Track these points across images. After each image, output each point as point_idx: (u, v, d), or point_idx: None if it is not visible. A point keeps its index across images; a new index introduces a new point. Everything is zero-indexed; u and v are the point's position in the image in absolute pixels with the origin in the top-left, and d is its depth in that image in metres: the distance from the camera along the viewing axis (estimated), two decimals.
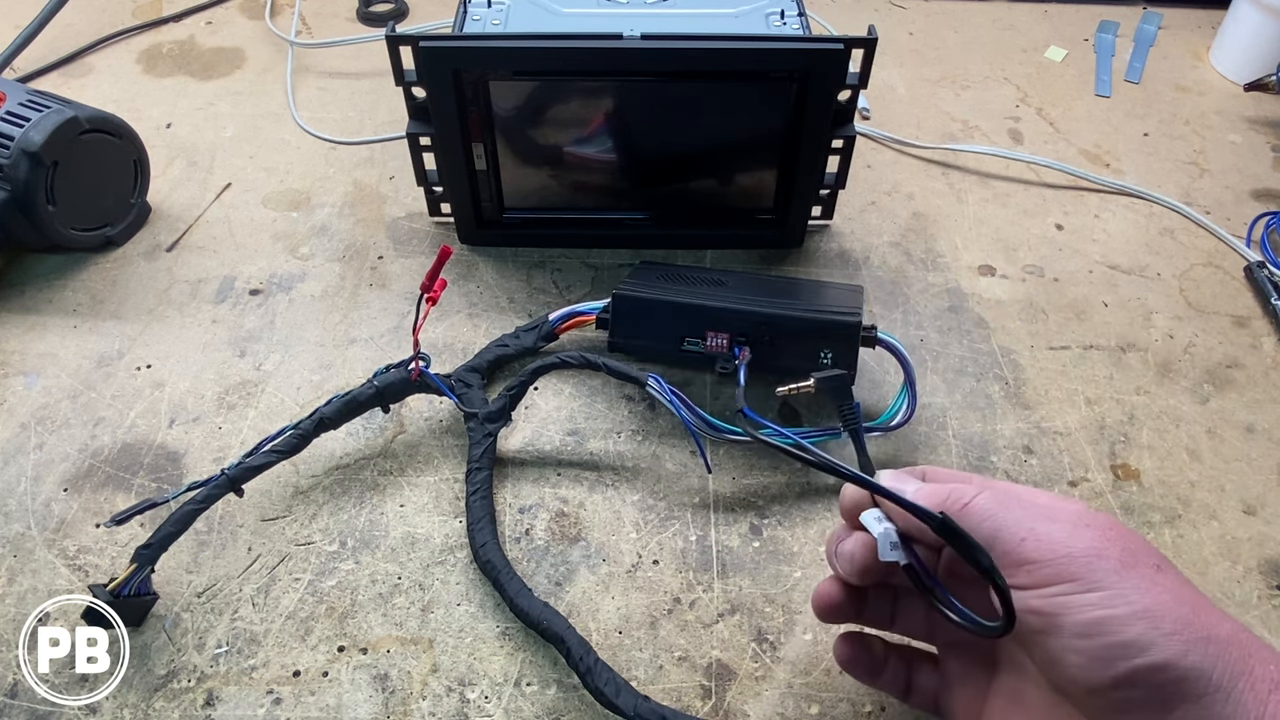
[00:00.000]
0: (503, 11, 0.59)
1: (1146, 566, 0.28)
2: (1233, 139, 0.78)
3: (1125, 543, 0.29)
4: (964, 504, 0.31)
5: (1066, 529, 0.29)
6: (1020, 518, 0.30)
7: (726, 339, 0.51)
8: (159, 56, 0.83)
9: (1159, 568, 0.28)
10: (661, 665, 0.44)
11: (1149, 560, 0.28)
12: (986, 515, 0.30)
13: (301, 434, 0.48)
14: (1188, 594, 0.28)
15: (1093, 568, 0.28)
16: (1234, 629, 0.27)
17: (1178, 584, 0.28)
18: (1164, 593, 0.27)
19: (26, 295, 0.61)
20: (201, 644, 0.44)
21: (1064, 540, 0.28)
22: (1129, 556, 0.28)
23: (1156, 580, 0.28)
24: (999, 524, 0.30)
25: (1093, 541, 0.28)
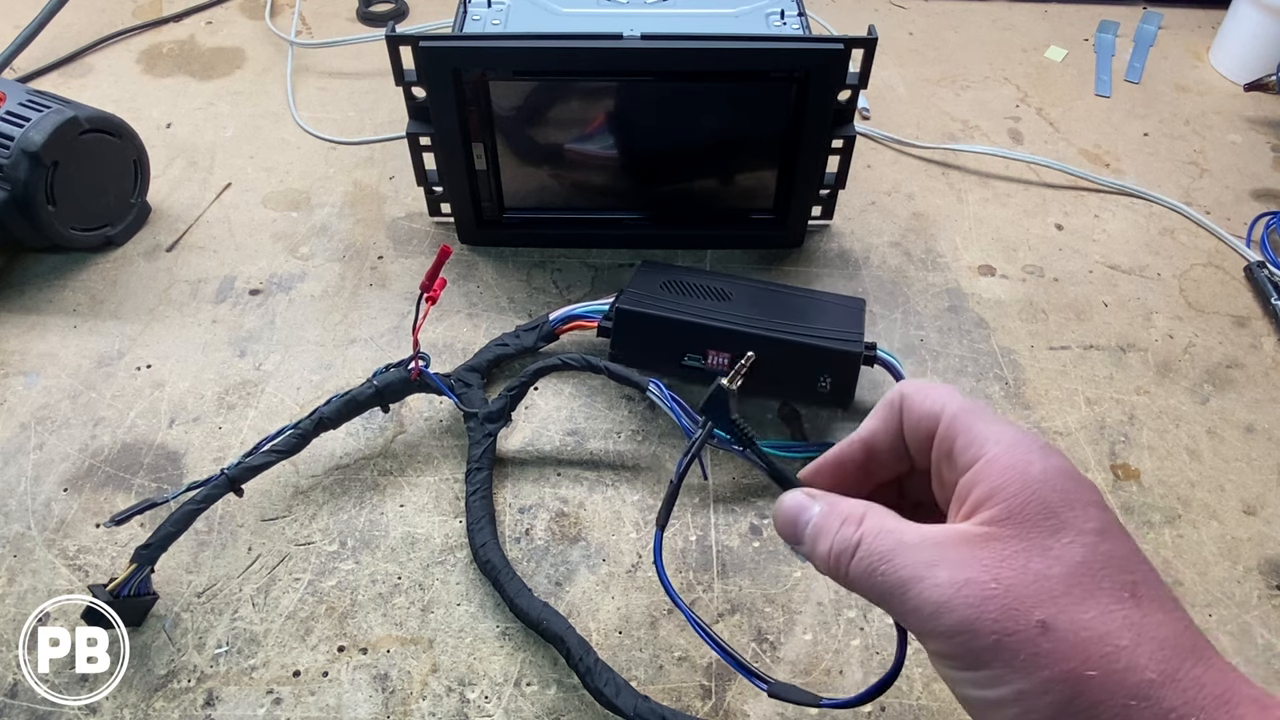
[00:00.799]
0: (503, 11, 0.59)
1: (1029, 628, 0.25)
2: (1233, 139, 0.78)
3: (1008, 596, 0.26)
4: (845, 572, 0.29)
5: (938, 599, 0.26)
6: (894, 586, 0.28)
7: (728, 358, 0.51)
8: (159, 56, 0.83)
9: (1045, 625, 0.25)
10: (661, 665, 0.44)
11: (1034, 615, 0.25)
12: (865, 584, 0.29)
13: (301, 434, 0.48)
14: (1072, 666, 0.25)
15: (966, 646, 0.26)
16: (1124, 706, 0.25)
17: (1065, 649, 0.25)
18: (1041, 670, 0.25)
19: (26, 295, 0.61)
20: (201, 644, 0.44)
21: (934, 616, 0.27)
22: (1009, 618, 0.26)
23: (1038, 650, 0.25)
24: (878, 594, 0.28)
25: (964, 614, 0.26)
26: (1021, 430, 0.29)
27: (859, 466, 0.34)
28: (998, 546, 0.27)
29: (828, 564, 0.30)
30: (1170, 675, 0.25)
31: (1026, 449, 0.28)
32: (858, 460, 0.34)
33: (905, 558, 0.28)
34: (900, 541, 0.28)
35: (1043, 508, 0.27)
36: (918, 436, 0.31)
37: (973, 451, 0.29)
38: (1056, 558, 0.26)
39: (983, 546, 0.27)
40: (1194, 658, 0.25)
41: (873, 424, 0.33)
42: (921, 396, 0.31)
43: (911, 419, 0.32)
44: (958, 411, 0.30)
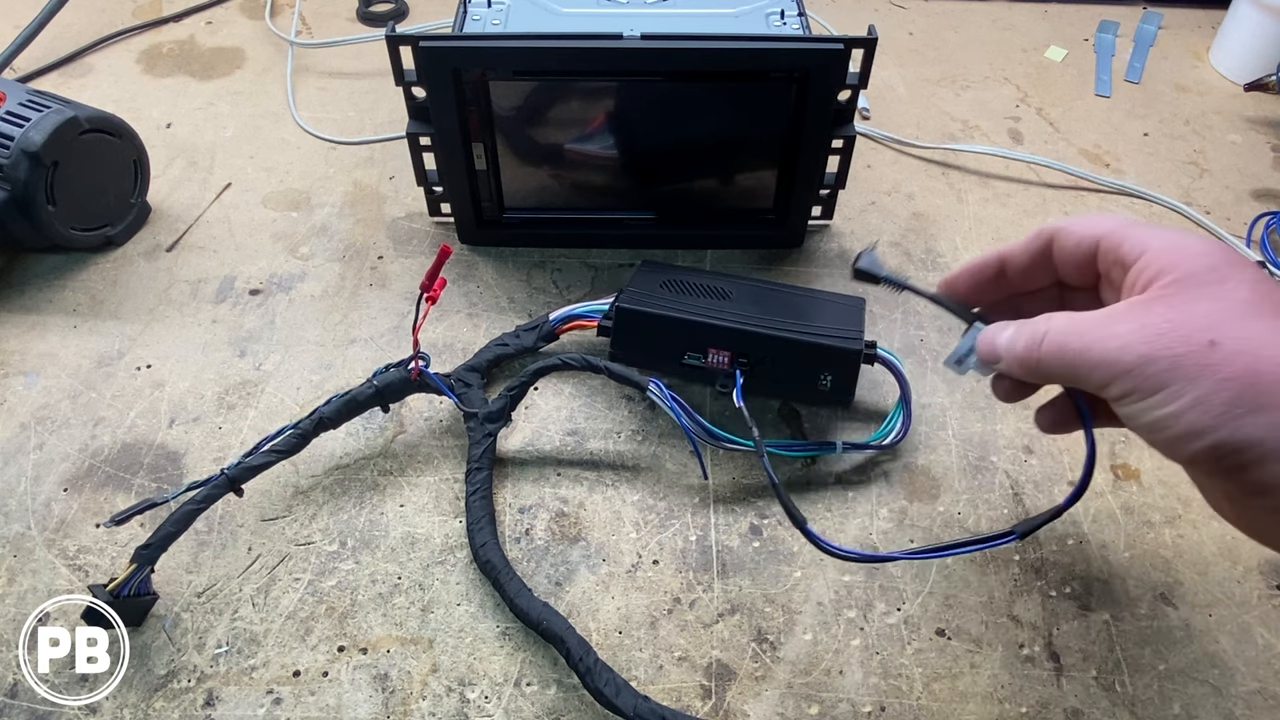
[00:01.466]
0: (503, 11, 0.59)
1: (1201, 347, 0.30)
2: (1233, 139, 0.78)
3: (1185, 323, 0.30)
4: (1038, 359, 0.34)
5: (1117, 345, 0.31)
6: (1080, 351, 0.32)
7: (728, 357, 0.51)
8: (159, 56, 0.83)
9: (1214, 342, 0.30)
10: (661, 665, 0.44)
11: (1210, 332, 0.30)
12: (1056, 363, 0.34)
13: (301, 434, 0.48)
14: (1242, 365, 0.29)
15: (1144, 374, 0.30)
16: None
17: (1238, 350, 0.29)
18: (1216, 372, 0.29)
19: (26, 295, 0.61)
20: (201, 644, 0.44)
21: (1116, 360, 0.31)
22: (1181, 342, 0.30)
23: (1209, 362, 0.29)
24: (1069, 367, 0.33)
25: (1140, 349, 0.31)
26: (1178, 229, 0.34)
27: (992, 278, 0.40)
28: (1168, 300, 0.32)
29: (1025, 358, 0.35)
30: None
31: (1185, 235, 0.33)
32: (990, 271, 0.40)
33: (1088, 325, 0.33)
34: (1083, 318, 0.33)
35: (1207, 266, 0.32)
36: (1078, 256, 0.37)
37: (1140, 247, 0.34)
38: (1222, 298, 0.31)
39: (1155, 304, 0.32)
40: None
41: (1014, 246, 0.39)
42: (1077, 225, 0.37)
43: (1069, 243, 0.37)
44: (1115, 226, 0.35)
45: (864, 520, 0.50)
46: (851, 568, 0.48)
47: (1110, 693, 0.43)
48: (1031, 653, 0.45)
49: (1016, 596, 0.47)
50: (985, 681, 0.44)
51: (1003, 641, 0.45)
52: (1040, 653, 0.45)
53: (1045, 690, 0.44)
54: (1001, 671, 0.44)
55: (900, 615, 0.46)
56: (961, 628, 0.46)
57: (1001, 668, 0.44)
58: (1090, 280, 0.37)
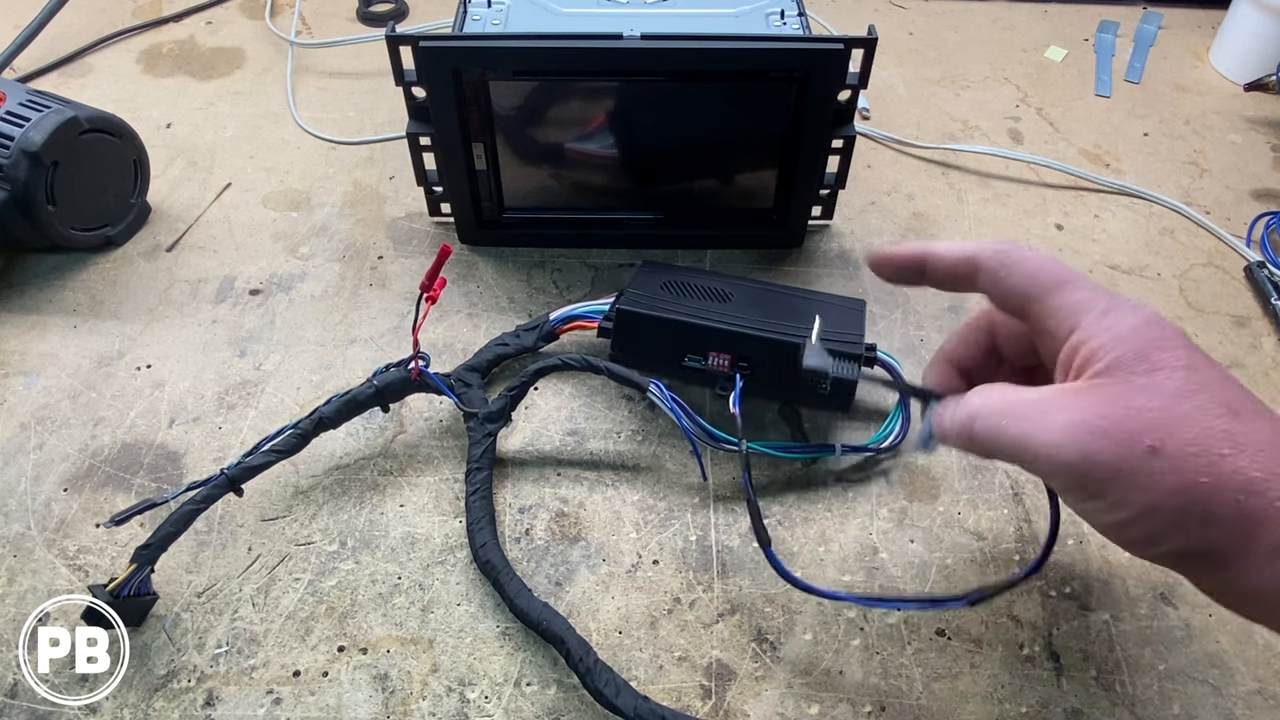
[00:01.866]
0: (503, 11, 0.59)
1: (1140, 457, 0.29)
2: (1233, 139, 0.78)
3: (1125, 423, 0.29)
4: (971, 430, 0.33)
5: (1055, 442, 0.30)
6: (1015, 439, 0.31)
7: (728, 360, 0.51)
8: (159, 56, 0.83)
9: (1154, 450, 0.29)
10: (661, 665, 0.44)
11: (1144, 442, 0.29)
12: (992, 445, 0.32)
13: (301, 434, 0.48)
14: (1185, 477, 0.28)
15: (1086, 479, 0.30)
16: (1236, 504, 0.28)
17: (1176, 464, 0.28)
18: (1158, 486, 0.29)
19: (26, 295, 0.61)
20: (201, 644, 0.44)
21: (1054, 457, 0.30)
22: (1123, 445, 0.29)
23: (1152, 470, 0.29)
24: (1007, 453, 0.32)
25: (1081, 450, 0.30)
26: (1109, 295, 0.33)
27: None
28: (1102, 392, 0.30)
29: (960, 435, 0.34)
30: (1272, 471, 0.28)
31: (1117, 313, 0.32)
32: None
33: (1022, 411, 0.32)
34: (1016, 399, 0.32)
35: (1136, 354, 0.30)
36: (1007, 309, 0.35)
37: (1068, 325, 0.32)
38: (1155, 392, 0.30)
39: (1089, 394, 0.31)
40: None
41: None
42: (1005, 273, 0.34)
43: (997, 295, 0.35)
44: (1043, 292, 0.33)
45: (864, 520, 0.50)
46: (851, 567, 0.48)
47: (1110, 693, 0.43)
48: (1031, 653, 0.45)
49: (1016, 596, 0.47)
50: (985, 681, 0.44)
51: (1003, 641, 0.45)
52: (1040, 653, 0.45)
53: (1045, 690, 0.44)
54: (1001, 671, 0.44)
55: (900, 615, 0.46)
56: (961, 628, 0.46)
57: (1001, 668, 0.44)
58: (1015, 320, 0.36)
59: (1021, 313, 0.35)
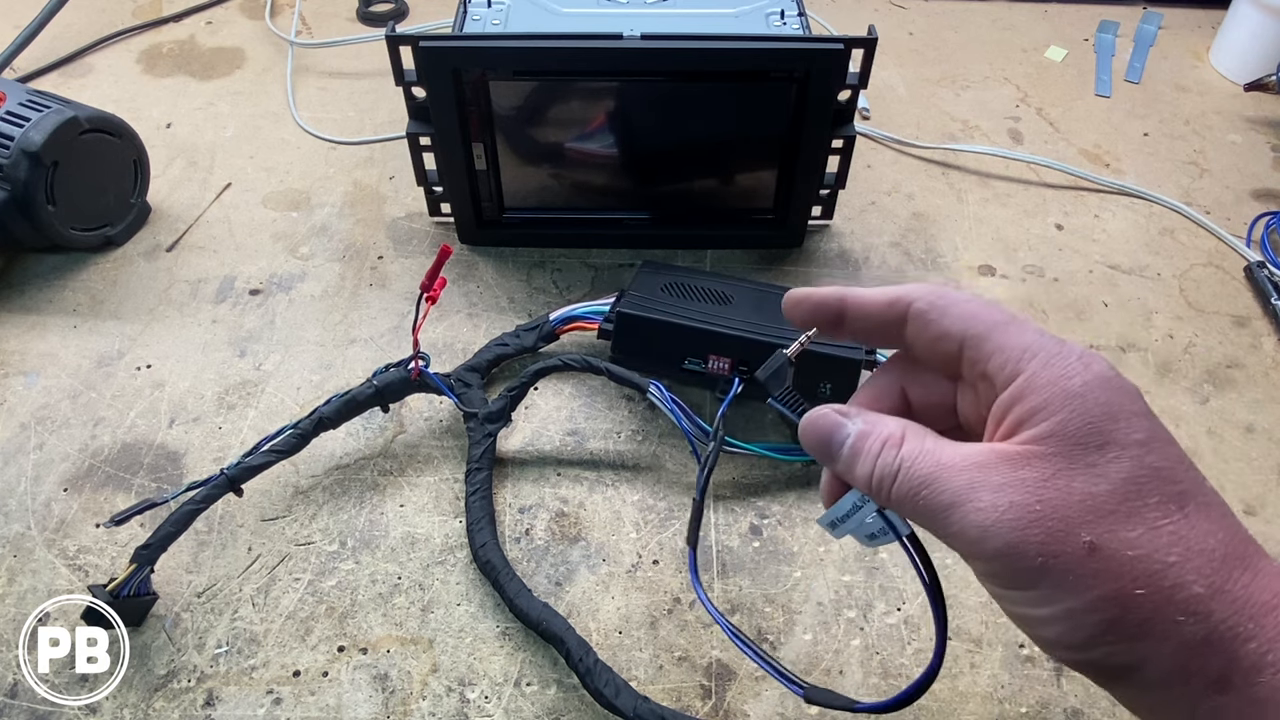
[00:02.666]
0: (503, 11, 0.59)
1: (1077, 549, 0.25)
2: (1233, 139, 0.78)
3: (1054, 517, 0.25)
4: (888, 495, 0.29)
5: (982, 522, 0.26)
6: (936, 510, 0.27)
7: (728, 363, 0.51)
8: (159, 56, 0.83)
9: (1093, 546, 0.25)
10: (661, 665, 0.44)
11: (1081, 536, 0.25)
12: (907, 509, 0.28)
13: (301, 434, 0.48)
14: (1120, 586, 0.25)
15: (1013, 568, 0.26)
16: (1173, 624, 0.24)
17: (1113, 569, 0.25)
18: (1089, 590, 0.25)
19: (26, 295, 0.61)
20: (201, 644, 0.44)
21: (979, 540, 0.26)
22: (1057, 540, 0.25)
23: (1085, 571, 0.25)
24: (924, 516, 0.28)
25: (1009, 538, 0.25)
26: (1057, 340, 0.28)
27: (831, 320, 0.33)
28: (1040, 465, 0.26)
29: (868, 487, 0.29)
30: (1219, 588, 0.24)
31: (1065, 362, 0.27)
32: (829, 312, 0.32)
33: (946, 482, 0.27)
34: (940, 464, 0.27)
35: (1085, 423, 0.26)
36: (939, 352, 0.30)
37: (1009, 370, 0.28)
38: (1101, 475, 0.26)
39: (1024, 466, 0.26)
40: (1241, 566, 0.25)
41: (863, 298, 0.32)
42: (939, 313, 0.30)
43: (929, 334, 0.30)
44: (984, 328, 0.29)
45: None
46: (851, 567, 0.48)
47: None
48: (1031, 653, 0.45)
49: None
50: (985, 681, 0.44)
51: (1003, 641, 0.45)
52: (1040, 653, 0.45)
53: (1045, 690, 0.44)
54: (1001, 671, 0.44)
55: (900, 615, 0.46)
56: (961, 628, 0.46)
57: (1001, 668, 0.44)
58: (949, 374, 0.31)
59: (954, 359, 0.30)
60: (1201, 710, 0.25)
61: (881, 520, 0.30)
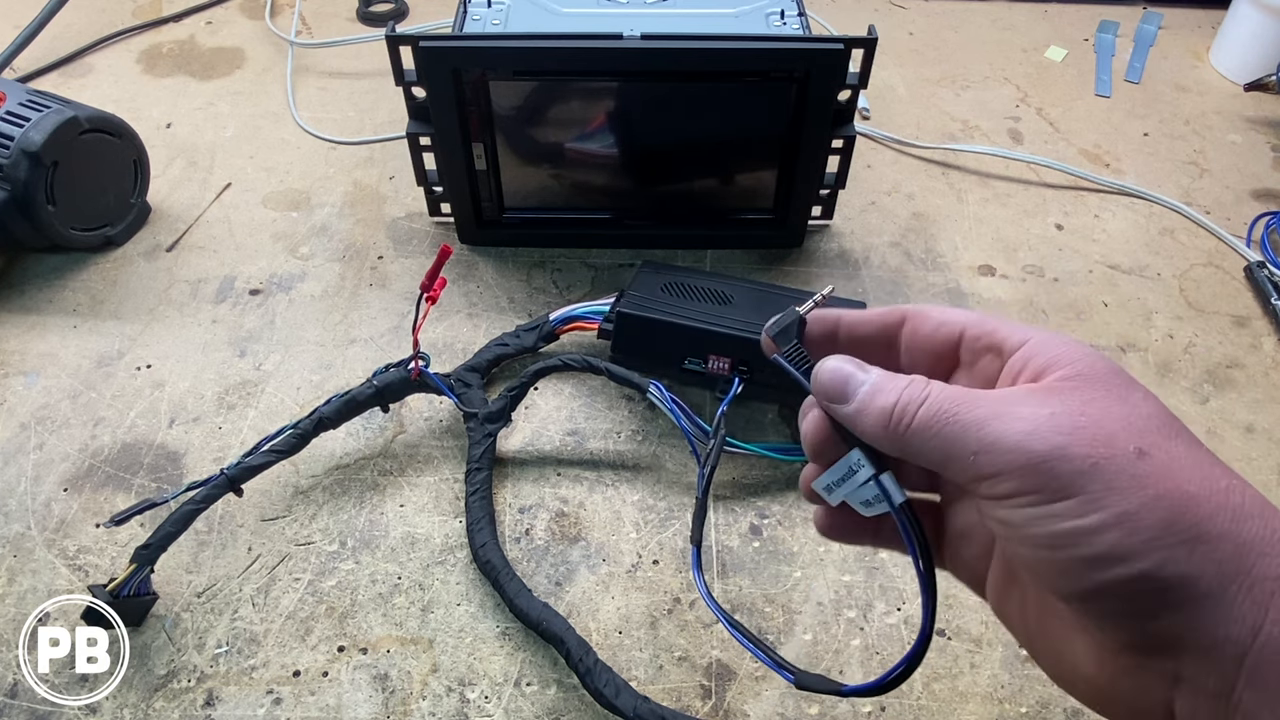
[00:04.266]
0: (503, 11, 0.59)
1: (1126, 453, 0.24)
2: (1233, 139, 0.78)
3: (1102, 423, 0.25)
4: (909, 424, 0.27)
5: (1023, 429, 0.25)
6: (968, 426, 0.26)
7: (728, 363, 0.51)
8: (159, 56, 0.83)
9: (1142, 451, 0.24)
10: (661, 665, 0.44)
11: (1134, 439, 0.25)
12: (931, 433, 0.27)
13: (301, 434, 0.48)
14: (1175, 484, 0.24)
15: (1055, 472, 0.24)
16: (1231, 523, 0.24)
17: (1169, 466, 0.24)
18: (1145, 487, 0.24)
19: (26, 295, 0.61)
20: (201, 644, 0.44)
21: (1019, 446, 0.25)
22: (1103, 444, 0.24)
23: (1138, 469, 0.24)
24: (947, 440, 0.26)
25: (1054, 439, 0.25)
26: None
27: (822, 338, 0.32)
28: (1075, 394, 0.26)
29: (886, 417, 0.28)
30: (1263, 503, 0.24)
31: (1067, 336, 0.28)
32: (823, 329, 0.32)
33: (980, 401, 0.26)
34: (972, 392, 0.27)
35: (1107, 370, 0.26)
36: (936, 340, 0.30)
37: (1020, 336, 0.28)
38: (1136, 406, 0.26)
39: (1061, 393, 0.26)
40: None
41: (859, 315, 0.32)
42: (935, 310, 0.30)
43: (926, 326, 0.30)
44: (981, 317, 0.30)
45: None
46: (851, 567, 0.48)
47: None
48: None
49: None
50: (985, 681, 0.44)
51: (1003, 641, 0.45)
52: None
53: (1045, 690, 0.43)
54: (1001, 671, 0.44)
55: (900, 615, 0.46)
56: (961, 628, 0.46)
57: (1001, 668, 0.44)
58: (944, 368, 0.31)
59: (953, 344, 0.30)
60: (1269, 624, 0.23)
61: (876, 488, 0.29)
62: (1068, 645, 0.27)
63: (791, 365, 0.31)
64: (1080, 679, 0.27)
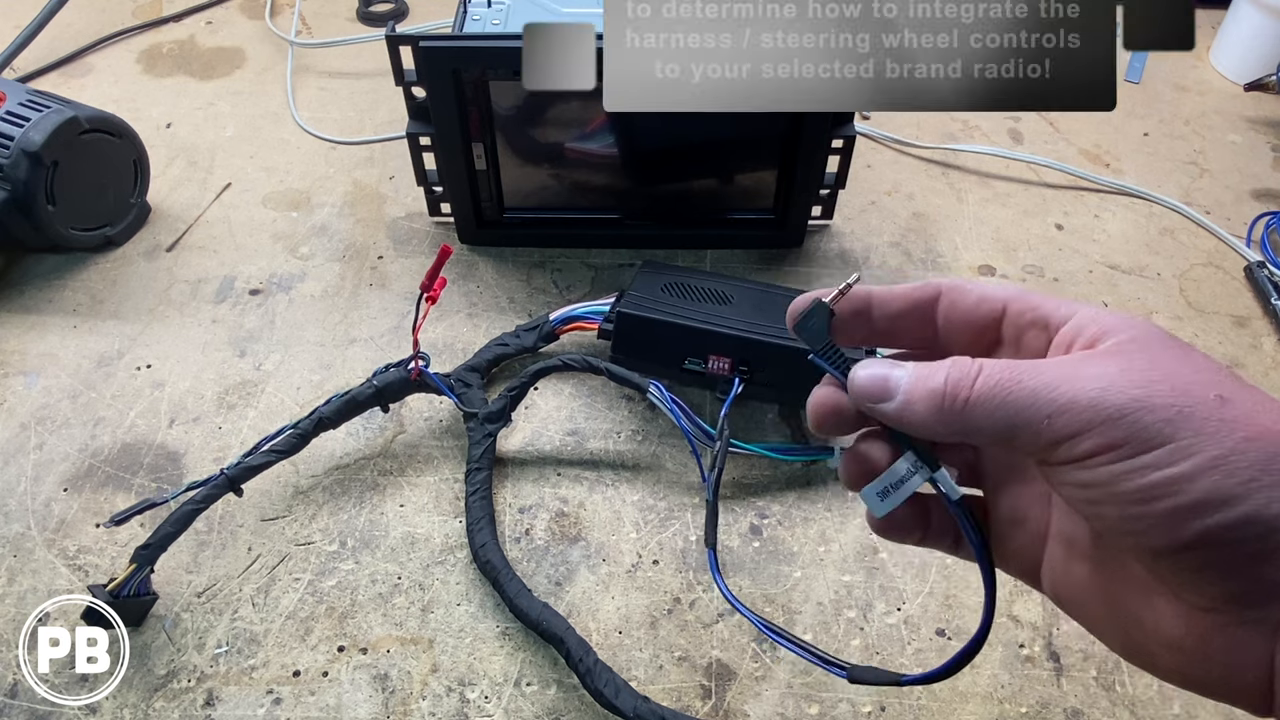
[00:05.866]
0: (503, 11, 0.59)
1: (1208, 400, 0.24)
2: (1233, 139, 0.78)
3: (1176, 376, 0.24)
4: (966, 399, 0.26)
5: (1099, 385, 0.24)
6: (1037, 390, 0.25)
7: (728, 364, 0.51)
8: (159, 56, 0.83)
9: (1223, 398, 0.24)
10: (661, 665, 0.44)
11: (1211, 389, 0.24)
12: (996, 404, 0.25)
13: (301, 434, 0.48)
14: (1264, 425, 0.23)
15: (1140, 424, 0.23)
16: None
17: (1253, 409, 0.23)
18: (1234, 430, 0.23)
19: (26, 295, 0.61)
20: (201, 644, 0.44)
21: (1098, 401, 0.24)
22: (1183, 394, 0.24)
23: (1224, 414, 0.23)
24: (1014, 408, 0.25)
25: (1132, 391, 0.24)
26: None
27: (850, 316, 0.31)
28: (1141, 354, 0.25)
29: (939, 398, 0.26)
30: None
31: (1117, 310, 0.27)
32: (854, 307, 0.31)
33: (1043, 366, 0.25)
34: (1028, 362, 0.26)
35: (1164, 334, 0.26)
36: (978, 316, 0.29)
37: (1065, 310, 0.27)
38: (1201, 362, 0.25)
39: (1124, 354, 0.25)
40: None
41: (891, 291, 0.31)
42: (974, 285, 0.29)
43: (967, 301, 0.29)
44: (1023, 291, 0.29)
45: (864, 520, 0.50)
46: (851, 567, 0.48)
47: (1110, 693, 0.43)
48: (1031, 653, 0.45)
49: (1016, 596, 0.47)
50: (985, 681, 0.44)
51: (1003, 641, 0.45)
52: (1040, 653, 0.45)
53: (1045, 690, 0.44)
54: (1001, 671, 0.44)
55: (900, 615, 0.46)
56: (961, 628, 0.46)
57: (1001, 668, 0.44)
58: (984, 343, 0.30)
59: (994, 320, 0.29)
60: None
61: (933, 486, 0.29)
62: (1149, 611, 0.26)
63: (828, 363, 0.31)
64: (1164, 646, 0.26)
